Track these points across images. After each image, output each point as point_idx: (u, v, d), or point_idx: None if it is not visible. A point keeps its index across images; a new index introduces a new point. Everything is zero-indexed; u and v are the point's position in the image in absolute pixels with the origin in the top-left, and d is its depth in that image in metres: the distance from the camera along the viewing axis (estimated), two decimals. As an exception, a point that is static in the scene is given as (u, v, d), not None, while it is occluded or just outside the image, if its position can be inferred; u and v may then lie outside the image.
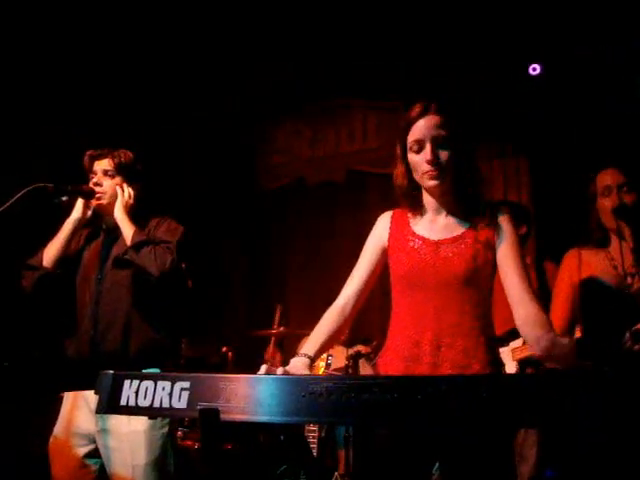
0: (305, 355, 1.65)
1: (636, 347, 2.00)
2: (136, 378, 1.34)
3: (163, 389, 1.31)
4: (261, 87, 4.81)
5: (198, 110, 4.91)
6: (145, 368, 2.08)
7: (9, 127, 3.95)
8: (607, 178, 2.33)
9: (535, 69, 4.22)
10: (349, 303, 1.79)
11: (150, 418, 1.77)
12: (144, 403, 1.32)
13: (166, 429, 2.23)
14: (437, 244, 1.74)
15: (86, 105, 4.27)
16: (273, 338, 3.93)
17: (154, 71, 4.46)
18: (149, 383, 1.32)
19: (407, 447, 1.62)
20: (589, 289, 2.28)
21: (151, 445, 2.19)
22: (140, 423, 2.15)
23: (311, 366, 1.64)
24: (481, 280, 1.71)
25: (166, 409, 1.30)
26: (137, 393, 1.33)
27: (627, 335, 2.03)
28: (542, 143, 4.27)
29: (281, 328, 3.92)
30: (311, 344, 1.70)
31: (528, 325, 1.61)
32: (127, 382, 1.35)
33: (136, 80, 4.43)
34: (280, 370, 1.54)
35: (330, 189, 4.98)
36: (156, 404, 1.31)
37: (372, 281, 1.82)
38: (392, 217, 1.85)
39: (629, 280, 2.19)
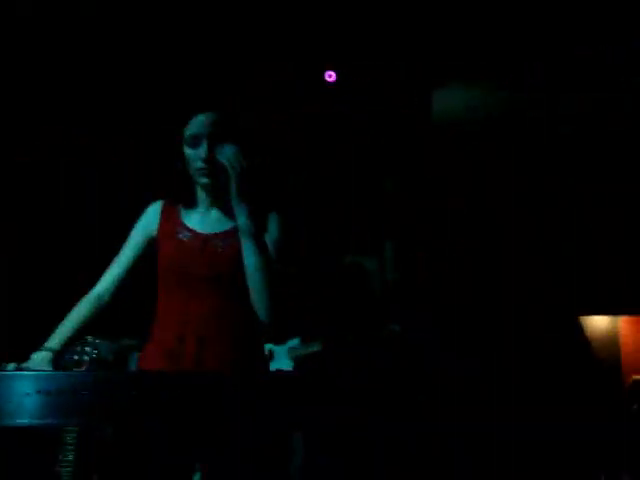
0: (47, 349, 1.56)
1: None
2: None
3: None
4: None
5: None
6: None
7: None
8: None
9: (331, 76, 4.34)
10: (106, 293, 1.72)
11: None
12: None
13: None
14: (207, 238, 1.71)
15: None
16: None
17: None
18: None
19: (162, 447, 1.55)
20: None
21: None
22: None
23: (55, 361, 1.55)
24: None
25: None
26: None
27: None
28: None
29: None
30: (57, 336, 1.60)
31: None
32: None
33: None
34: (12, 366, 1.46)
35: None
36: None
37: (134, 271, 1.76)
38: (163, 207, 1.80)
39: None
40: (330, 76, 4.35)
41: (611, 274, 5.35)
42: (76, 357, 3.09)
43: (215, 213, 1.77)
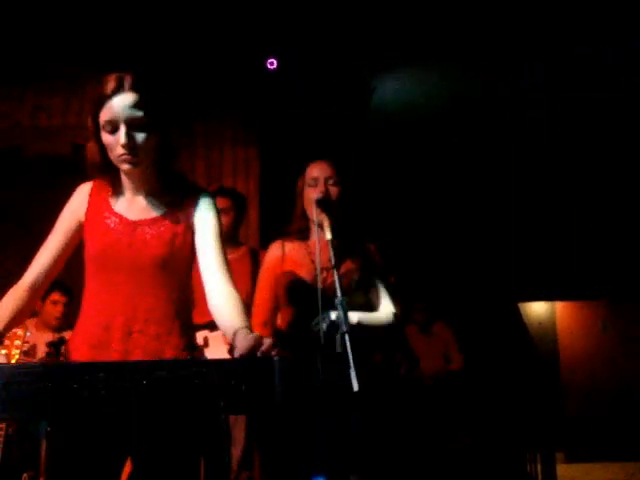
0: None
1: (323, 331, 2.05)
2: None
3: None
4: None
5: None
6: None
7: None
8: (316, 169, 2.31)
9: (272, 63, 4.32)
10: (38, 281, 1.65)
11: None
12: None
13: None
14: (135, 225, 1.64)
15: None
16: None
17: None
18: None
19: (94, 439, 1.49)
20: (288, 281, 2.28)
21: None
22: None
23: None
24: (179, 264, 1.65)
25: None
26: None
27: (314, 322, 2.10)
28: (272, 133, 4.39)
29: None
30: None
31: (221, 310, 1.57)
32: None
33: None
34: None
35: (53, 162, 4.53)
36: None
37: (64, 257, 1.70)
38: (91, 190, 1.72)
39: (324, 274, 2.21)
40: (272, 63, 4.31)
41: (548, 261, 5.51)
42: (4, 352, 3.00)
43: (142, 199, 1.69)
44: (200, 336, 2.75)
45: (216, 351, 2.83)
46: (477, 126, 4.54)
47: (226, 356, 2.74)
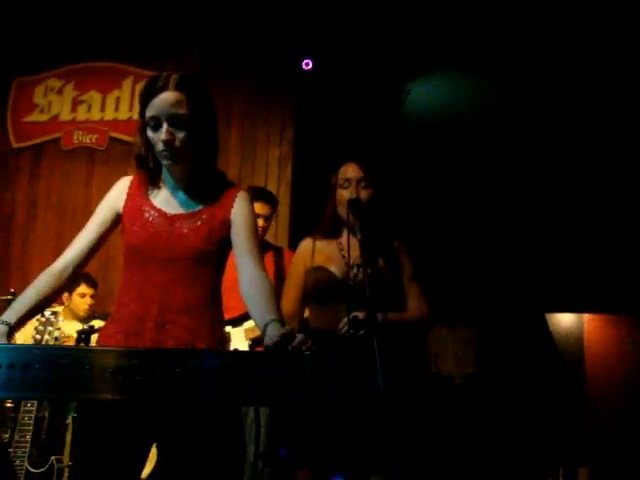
0: (3, 322, 1.48)
1: (351, 332, 2.08)
2: None
3: None
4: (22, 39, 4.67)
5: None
6: None
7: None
8: (348, 171, 2.34)
9: (308, 64, 4.36)
10: (69, 266, 1.66)
11: None
12: None
13: None
14: (173, 218, 1.68)
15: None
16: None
17: None
18: None
19: (122, 424, 1.53)
20: (319, 275, 2.30)
21: None
22: None
23: (10, 335, 1.48)
24: (213, 258, 1.68)
25: None
26: None
27: (344, 321, 2.11)
28: (306, 134, 4.46)
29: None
30: (14, 310, 1.53)
31: (254, 302, 1.58)
32: None
33: None
34: None
35: (89, 154, 4.71)
36: None
37: (98, 246, 1.72)
38: (131, 183, 1.76)
39: (355, 271, 2.25)
40: (307, 64, 4.36)
41: (578, 272, 5.45)
42: (38, 337, 3.06)
43: (181, 194, 1.73)
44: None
45: (237, 347, 2.87)
46: (511, 132, 4.52)
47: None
